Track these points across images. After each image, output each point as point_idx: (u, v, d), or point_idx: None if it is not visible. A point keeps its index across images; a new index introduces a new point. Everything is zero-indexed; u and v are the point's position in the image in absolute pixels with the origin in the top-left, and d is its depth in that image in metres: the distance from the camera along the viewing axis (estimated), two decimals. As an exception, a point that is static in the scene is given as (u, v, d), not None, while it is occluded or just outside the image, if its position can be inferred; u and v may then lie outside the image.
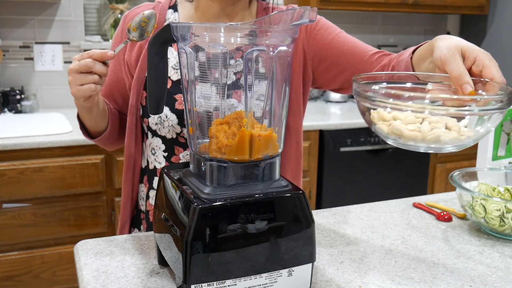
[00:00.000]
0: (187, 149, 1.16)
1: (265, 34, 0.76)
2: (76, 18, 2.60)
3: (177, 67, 1.14)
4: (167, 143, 1.16)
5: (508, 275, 0.94)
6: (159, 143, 1.17)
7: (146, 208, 1.22)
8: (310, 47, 1.18)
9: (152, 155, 1.19)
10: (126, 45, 1.17)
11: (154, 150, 1.18)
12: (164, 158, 1.17)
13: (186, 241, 0.73)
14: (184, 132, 1.14)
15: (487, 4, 3.18)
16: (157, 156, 1.18)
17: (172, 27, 0.80)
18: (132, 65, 1.17)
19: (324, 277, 0.92)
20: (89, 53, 0.98)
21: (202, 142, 0.82)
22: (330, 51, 1.17)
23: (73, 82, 0.99)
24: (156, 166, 1.19)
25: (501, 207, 1.06)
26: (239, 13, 1.18)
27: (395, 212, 1.24)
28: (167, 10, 1.20)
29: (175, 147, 1.16)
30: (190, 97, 0.81)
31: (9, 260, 2.05)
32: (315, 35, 1.18)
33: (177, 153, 1.17)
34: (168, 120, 1.13)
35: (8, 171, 1.96)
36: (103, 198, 2.13)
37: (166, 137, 1.16)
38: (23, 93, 2.49)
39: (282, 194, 0.78)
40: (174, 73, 1.14)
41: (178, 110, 1.12)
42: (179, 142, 1.16)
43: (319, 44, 1.18)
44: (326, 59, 1.18)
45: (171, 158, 1.17)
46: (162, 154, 1.17)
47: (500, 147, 1.35)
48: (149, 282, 0.87)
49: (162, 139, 1.17)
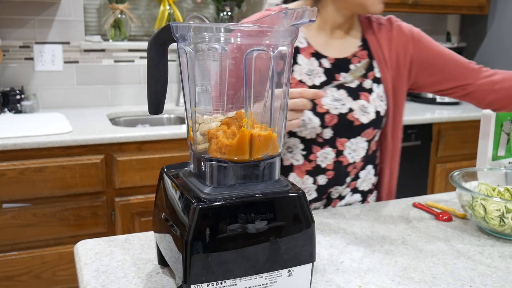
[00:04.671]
0: (324, 147, 1.26)
1: (265, 34, 0.76)
2: (76, 18, 2.60)
3: (310, 74, 1.25)
4: (306, 143, 1.26)
5: (508, 275, 0.94)
6: (297, 143, 1.27)
7: None
8: (417, 54, 1.32)
9: (289, 153, 1.28)
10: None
11: (291, 148, 1.27)
12: (302, 156, 1.27)
13: (186, 241, 0.73)
14: (324, 132, 1.24)
15: (487, 4, 3.17)
16: (295, 154, 1.27)
17: (172, 27, 0.80)
18: None
19: (324, 277, 0.92)
20: (302, 92, 1.06)
21: (202, 142, 0.82)
22: (438, 58, 1.33)
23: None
24: (293, 163, 1.28)
25: (501, 207, 1.06)
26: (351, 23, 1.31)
27: (395, 212, 1.24)
28: None
29: (313, 146, 1.26)
30: (190, 97, 0.81)
31: (9, 260, 2.05)
32: (423, 43, 1.33)
33: (314, 151, 1.27)
34: (311, 123, 1.23)
35: (8, 171, 1.96)
36: (103, 198, 2.13)
37: (306, 138, 1.25)
38: (23, 93, 2.49)
39: (282, 194, 0.78)
40: (308, 79, 1.24)
41: (320, 113, 1.23)
42: (317, 141, 1.26)
43: (427, 51, 1.32)
44: (433, 66, 1.33)
45: (309, 156, 1.27)
46: (300, 152, 1.27)
47: (500, 147, 1.35)
48: (149, 282, 0.87)
49: (301, 140, 1.26)
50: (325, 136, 1.25)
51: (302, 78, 1.24)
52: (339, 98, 1.25)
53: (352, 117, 1.25)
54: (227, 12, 2.91)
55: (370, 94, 1.28)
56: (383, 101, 1.30)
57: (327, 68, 1.26)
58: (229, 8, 2.91)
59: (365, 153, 1.31)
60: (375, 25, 1.33)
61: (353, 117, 1.25)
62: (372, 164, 1.35)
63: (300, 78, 1.24)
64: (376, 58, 1.30)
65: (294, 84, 1.24)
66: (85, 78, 2.66)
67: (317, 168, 1.27)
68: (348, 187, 1.33)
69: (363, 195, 1.36)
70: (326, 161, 1.27)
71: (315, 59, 1.26)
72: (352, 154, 1.28)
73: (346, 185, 1.31)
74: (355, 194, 1.34)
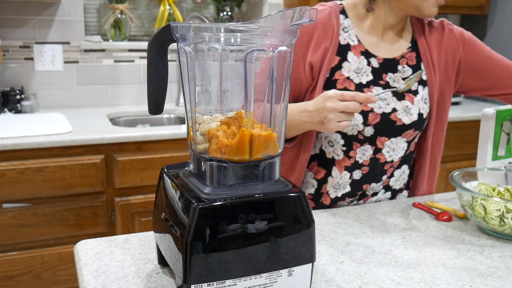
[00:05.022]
0: (364, 144, 1.27)
1: (265, 34, 0.76)
2: (76, 18, 2.60)
3: (358, 72, 1.26)
4: (347, 139, 1.27)
5: (508, 275, 0.94)
6: (338, 138, 1.28)
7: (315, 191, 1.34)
8: (466, 59, 1.33)
9: (330, 147, 1.29)
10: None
11: (332, 143, 1.29)
12: (342, 152, 1.28)
13: (186, 241, 0.73)
14: (365, 130, 1.25)
15: (487, 4, 3.17)
16: (336, 149, 1.29)
17: (172, 27, 0.80)
18: (316, 67, 1.24)
19: (324, 277, 0.92)
20: (354, 96, 1.07)
21: (202, 142, 0.82)
22: (488, 64, 1.33)
23: (334, 119, 1.08)
24: (334, 157, 1.30)
25: (501, 207, 1.06)
26: (403, 24, 1.32)
27: (395, 212, 1.24)
28: (339, 15, 1.29)
29: (354, 143, 1.27)
30: (190, 97, 0.81)
31: (9, 260, 2.05)
32: (473, 47, 1.33)
33: (354, 148, 1.28)
34: (354, 120, 1.24)
35: (8, 171, 1.96)
36: (103, 198, 2.13)
37: (347, 134, 1.26)
38: (23, 93, 2.49)
39: (282, 194, 0.78)
40: (356, 77, 1.25)
41: (364, 112, 1.24)
42: (358, 138, 1.27)
43: (477, 56, 1.33)
44: (482, 71, 1.34)
45: (349, 152, 1.28)
46: (341, 148, 1.28)
47: (500, 147, 1.35)
48: (149, 282, 0.87)
49: (342, 135, 1.27)
50: (366, 134, 1.26)
51: (350, 75, 1.25)
52: (384, 97, 1.26)
53: (395, 117, 1.26)
54: (227, 12, 2.91)
55: (415, 96, 1.28)
56: (427, 103, 1.30)
57: (375, 67, 1.27)
58: (229, 8, 2.91)
59: (403, 153, 1.31)
60: (427, 28, 1.33)
61: (396, 117, 1.26)
62: (407, 164, 1.35)
63: (348, 75, 1.25)
64: (424, 61, 1.30)
65: (342, 80, 1.24)
66: (85, 78, 2.66)
67: (355, 164, 1.28)
68: (382, 185, 1.33)
69: (393, 193, 1.36)
70: (363, 157, 1.28)
71: (364, 57, 1.27)
72: (390, 153, 1.28)
73: (381, 182, 1.32)
74: (387, 191, 1.35)
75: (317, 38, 1.25)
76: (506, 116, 1.34)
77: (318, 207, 1.33)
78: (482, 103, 3.18)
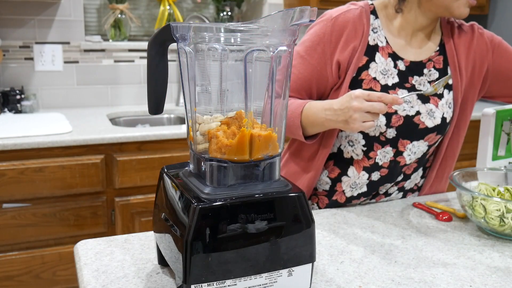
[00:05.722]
0: (385, 146, 1.26)
1: (265, 34, 0.76)
2: (76, 18, 2.60)
3: (385, 73, 1.25)
4: (368, 139, 1.26)
5: (508, 275, 0.94)
6: (359, 138, 1.27)
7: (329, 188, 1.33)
8: (495, 65, 1.32)
9: (350, 146, 1.28)
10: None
11: (352, 143, 1.28)
12: (362, 152, 1.27)
13: (186, 241, 0.73)
14: (387, 132, 1.24)
15: (487, 4, 3.17)
16: (355, 149, 1.28)
17: (172, 27, 0.80)
18: (344, 65, 1.24)
19: (324, 277, 0.92)
20: (381, 97, 1.06)
21: (202, 142, 0.82)
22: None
23: (359, 119, 1.07)
24: (353, 157, 1.29)
25: (501, 207, 1.06)
26: (433, 26, 1.30)
27: (395, 212, 1.24)
28: (370, 15, 1.28)
29: (375, 144, 1.26)
30: (190, 97, 0.81)
31: (9, 260, 2.05)
32: (502, 53, 1.33)
33: (375, 149, 1.27)
34: (377, 121, 1.22)
35: (8, 171, 1.96)
36: (103, 198, 2.13)
37: (369, 135, 1.25)
38: (23, 93, 2.49)
39: (282, 194, 0.78)
40: (382, 78, 1.24)
41: (387, 113, 1.22)
42: (380, 140, 1.26)
43: (506, 62, 1.32)
44: (510, 78, 1.32)
45: (369, 153, 1.27)
46: (361, 148, 1.27)
47: (500, 147, 1.35)
48: (149, 282, 0.87)
49: (363, 135, 1.26)
50: (388, 136, 1.25)
51: (377, 76, 1.24)
52: (409, 100, 1.25)
53: (418, 120, 1.25)
54: (227, 12, 2.91)
55: (440, 100, 1.27)
56: (451, 108, 1.29)
57: (401, 70, 1.26)
58: (229, 8, 2.91)
59: (422, 156, 1.31)
60: (456, 31, 1.32)
61: (419, 120, 1.25)
62: (422, 167, 1.35)
63: (375, 76, 1.24)
64: (451, 65, 1.29)
65: (368, 80, 1.24)
66: (85, 78, 2.66)
67: (374, 165, 1.28)
68: (396, 186, 1.33)
69: (404, 193, 1.36)
70: (384, 159, 1.27)
71: (391, 59, 1.26)
72: (411, 156, 1.28)
73: (396, 183, 1.32)
74: (400, 192, 1.35)
75: (346, 37, 1.23)
76: (506, 116, 1.34)
77: (331, 204, 1.33)
78: (482, 103, 3.18)
